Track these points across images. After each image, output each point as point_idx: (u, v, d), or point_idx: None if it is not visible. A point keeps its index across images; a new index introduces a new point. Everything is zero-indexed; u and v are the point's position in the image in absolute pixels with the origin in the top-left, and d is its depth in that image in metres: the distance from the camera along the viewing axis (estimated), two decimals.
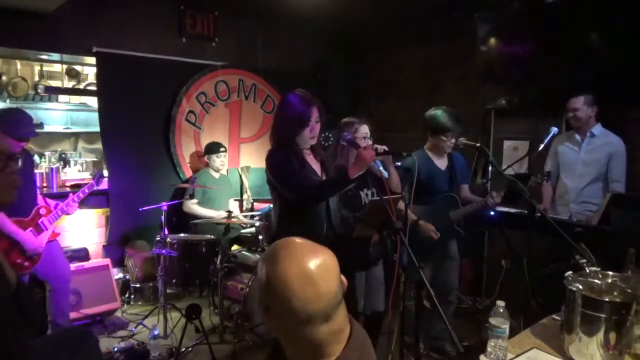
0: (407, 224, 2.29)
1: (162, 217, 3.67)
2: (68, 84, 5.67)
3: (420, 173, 2.79)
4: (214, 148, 4.45)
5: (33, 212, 3.09)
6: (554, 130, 3.21)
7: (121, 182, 4.34)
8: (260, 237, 3.97)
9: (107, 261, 3.95)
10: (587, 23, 3.38)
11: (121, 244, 4.37)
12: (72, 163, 5.44)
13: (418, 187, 2.51)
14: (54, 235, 3.19)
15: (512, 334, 1.71)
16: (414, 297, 2.25)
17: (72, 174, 5.10)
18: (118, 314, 3.91)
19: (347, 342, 1.09)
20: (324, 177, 2.47)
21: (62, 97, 5.89)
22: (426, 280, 1.78)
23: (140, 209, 3.85)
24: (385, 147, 2.46)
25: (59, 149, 5.81)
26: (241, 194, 5.04)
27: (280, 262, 1.04)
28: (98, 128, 4.32)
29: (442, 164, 3.15)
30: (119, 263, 4.35)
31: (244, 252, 3.89)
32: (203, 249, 3.78)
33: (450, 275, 3.22)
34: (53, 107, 5.78)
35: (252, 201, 4.95)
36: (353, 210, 2.61)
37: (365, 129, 2.67)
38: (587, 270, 1.78)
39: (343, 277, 1.10)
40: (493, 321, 1.57)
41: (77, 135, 6.12)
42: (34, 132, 3.01)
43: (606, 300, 1.56)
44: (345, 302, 1.11)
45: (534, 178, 3.04)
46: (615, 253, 1.91)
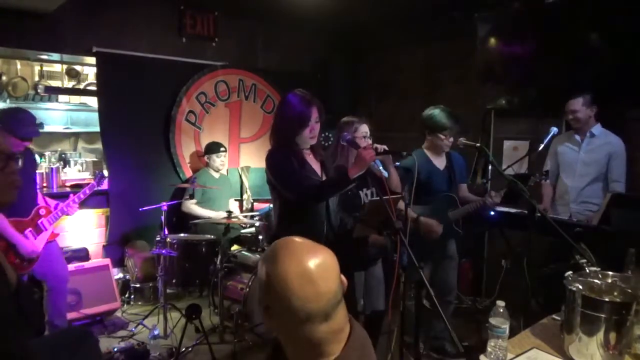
0: (408, 224, 2.28)
1: (162, 217, 3.67)
2: (68, 84, 5.67)
3: (420, 173, 2.79)
4: (214, 148, 4.45)
5: (33, 213, 3.09)
6: (554, 130, 3.22)
7: (121, 182, 4.34)
8: (260, 237, 3.97)
9: (107, 261, 3.95)
10: (587, 23, 3.38)
11: (121, 244, 4.37)
12: (72, 163, 5.45)
13: (417, 187, 2.51)
14: (53, 235, 3.19)
15: (512, 334, 1.71)
16: (414, 297, 2.25)
17: (72, 174, 5.11)
18: (118, 314, 3.91)
19: (347, 342, 1.09)
20: (324, 177, 2.46)
21: (62, 97, 5.89)
22: (425, 280, 1.78)
23: (140, 209, 3.85)
24: (385, 147, 2.44)
25: (59, 149, 5.81)
26: (241, 194, 5.04)
27: (280, 262, 1.04)
28: (98, 128, 4.33)
29: (441, 164, 3.15)
30: (119, 263, 4.35)
31: (244, 252, 3.89)
32: (203, 249, 3.78)
33: (449, 275, 3.22)
34: (53, 107, 5.78)
35: (252, 201, 4.95)
36: (353, 210, 2.61)
37: (365, 128, 2.67)
38: (587, 270, 1.78)
39: (343, 277, 1.10)
40: (493, 321, 1.57)
41: (77, 135, 6.13)
42: (37, 132, 3.01)
43: (606, 300, 1.56)
44: (345, 302, 1.11)
45: (533, 177, 3.05)
46: (615, 253, 1.91)
